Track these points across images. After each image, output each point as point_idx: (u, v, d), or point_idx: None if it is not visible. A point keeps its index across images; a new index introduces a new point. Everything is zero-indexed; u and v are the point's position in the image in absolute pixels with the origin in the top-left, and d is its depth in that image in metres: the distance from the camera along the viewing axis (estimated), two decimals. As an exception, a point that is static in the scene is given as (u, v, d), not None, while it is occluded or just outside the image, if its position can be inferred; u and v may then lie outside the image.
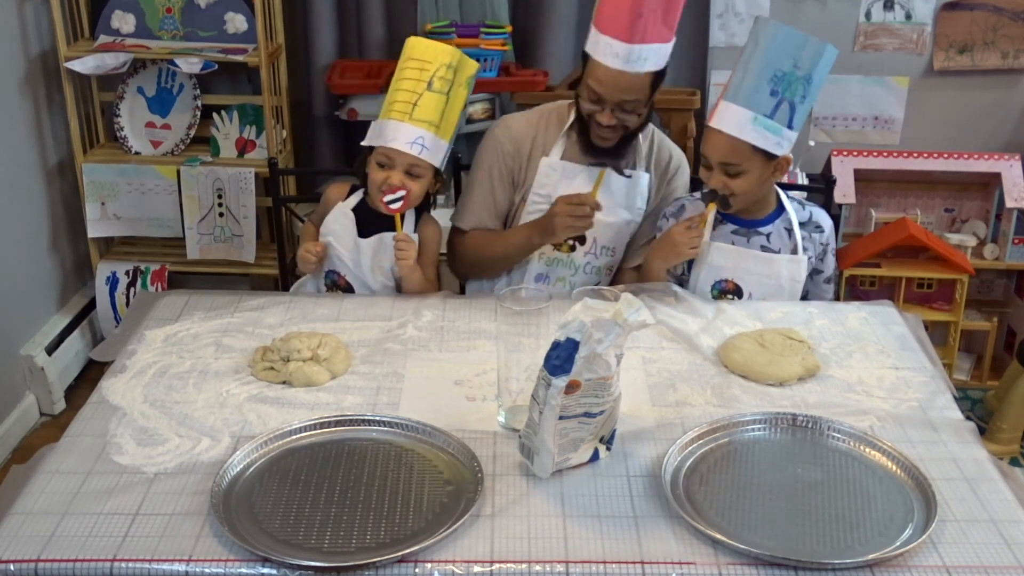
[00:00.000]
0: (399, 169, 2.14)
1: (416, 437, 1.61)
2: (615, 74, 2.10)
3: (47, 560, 1.33)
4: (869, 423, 1.67)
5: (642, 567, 1.33)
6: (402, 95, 2.13)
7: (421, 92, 2.12)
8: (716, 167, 2.10)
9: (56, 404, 3.15)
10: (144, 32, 3.17)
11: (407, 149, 2.12)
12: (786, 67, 2.03)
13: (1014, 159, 3.24)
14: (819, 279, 2.28)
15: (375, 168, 2.17)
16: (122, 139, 3.25)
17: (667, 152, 2.36)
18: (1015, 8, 3.33)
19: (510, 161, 2.31)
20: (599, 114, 2.16)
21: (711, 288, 2.20)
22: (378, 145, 2.15)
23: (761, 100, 2.04)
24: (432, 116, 2.14)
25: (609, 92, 2.13)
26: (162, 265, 3.30)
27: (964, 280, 3.14)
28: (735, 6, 3.38)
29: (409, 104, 2.12)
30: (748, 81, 2.05)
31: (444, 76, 2.13)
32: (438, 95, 2.13)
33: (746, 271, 2.18)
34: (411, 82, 2.13)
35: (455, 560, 1.34)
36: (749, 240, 2.20)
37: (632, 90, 2.13)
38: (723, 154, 2.08)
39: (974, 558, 1.36)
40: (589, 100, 2.17)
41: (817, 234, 2.24)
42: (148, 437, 1.61)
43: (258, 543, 1.35)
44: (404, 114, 2.12)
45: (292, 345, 1.80)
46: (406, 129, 2.12)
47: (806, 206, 2.26)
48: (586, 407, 1.47)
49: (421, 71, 2.13)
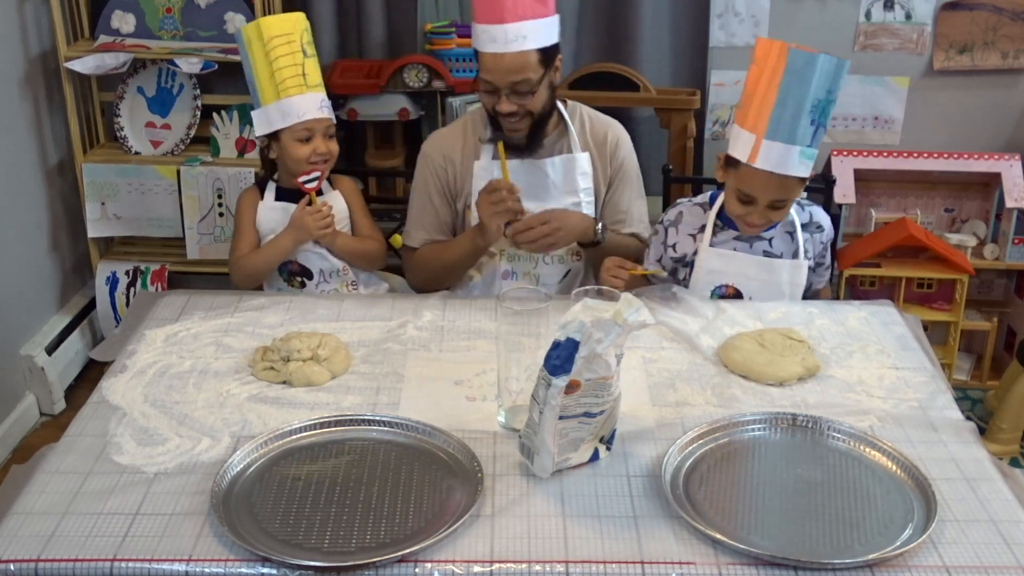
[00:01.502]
0: (320, 136, 2.30)
1: (416, 437, 1.61)
2: (497, 58, 2.14)
3: (47, 560, 1.33)
4: (869, 423, 1.67)
5: (642, 567, 1.33)
6: (287, 71, 2.25)
7: (301, 62, 2.26)
8: (762, 203, 2.08)
9: (56, 404, 3.15)
10: (144, 32, 3.17)
11: (321, 115, 2.29)
12: (822, 95, 2.00)
13: (1014, 159, 3.24)
14: (820, 269, 2.30)
15: (296, 145, 2.29)
16: (122, 139, 3.25)
17: (602, 128, 2.38)
18: (1015, 8, 3.33)
19: (443, 173, 2.37)
20: (498, 104, 2.20)
21: (711, 293, 2.20)
22: (289, 125, 2.26)
23: (804, 133, 2.00)
24: (318, 79, 2.32)
25: (498, 77, 2.17)
26: (162, 265, 3.30)
27: (964, 280, 3.14)
28: (735, 6, 3.38)
29: (299, 76, 2.26)
30: (789, 115, 1.99)
31: (307, 40, 2.29)
32: (312, 58, 2.29)
33: (746, 276, 2.18)
34: (288, 57, 2.25)
35: (455, 560, 1.34)
36: (752, 246, 2.19)
37: (519, 70, 2.16)
38: (774, 192, 2.06)
39: (974, 558, 1.36)
40: (485, 92, 2.22)
41: (818, 234, 2.24)
42: (148, 437, 1.61)
43: (258, 543, 1.35)
44: (300, 87, 2.27)
45: (292, 345, 1.80)
46: (310, 98, 2.28)
47: (805, 207, 2.26)
48: (586, 407, 1.47)
49: (290, 43, 2.25)
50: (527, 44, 2.14)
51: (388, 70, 3.20)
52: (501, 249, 2.35)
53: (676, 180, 3.06)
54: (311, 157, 2.29)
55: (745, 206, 2.10)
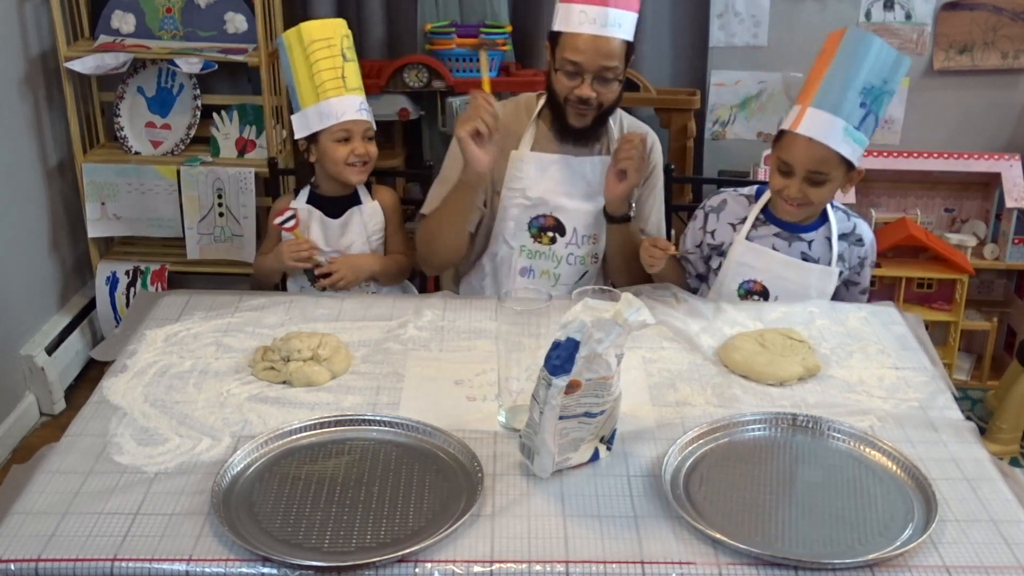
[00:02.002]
0: (358, 138, 2.31)
1: (416, 437, 1.61)
2: (593, 40, 2.12)
3: (47, 560, 1.33)
4: (869, 423, 1.67)
5: (642, 567, 1.33)
6: (327, 74, 2.27)
7: (341, 65, 2.29)
8: (799, 174, 2.06)
9: (56, 404, 3.15)
10: (144, 32, 3.17)
11: (360, 116, 2.30)
12: (877, 82, 2.01)
13: (1014, 159, 3.24)
14: (855, 290, 2.27)
15: (335, 146, 2.30)
16: (122, 139, 3.25)
17: (638, 131, 2.36)
18: (1015, 8, 3.33)
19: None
20: (578, 88, 2.16)
21: (738, 287, 2.20)
22: (328, 126, 2.28)
23: (852, 110, 2.00)
24: (358, 82, 2.34)
25: (590, 59, 2.13)
26: (162, 265, 3.30)
27: (964, 280, 3.14)
28: (735, 6, 3.38)
29: (338, 79, 2.29)
30: (837, 87, 2.00)
31: (349, 45, 2.33)
32: (352, 63, 2.32)
33: (776, 275, 2.17)
34: (328, 60, 2.27)
35: (455, 560, 1.34)
36: (791, 245, 2.18)
37: (611, 56, 2.14)
38: (813, 162, 2.04)
39: (974, 558, 1.36)
40: (567, 76, 2.17)
41: (857, 247, 2.21)
42: (148, 437, 1.61)
43: (258, 543, 1.35)
44: (339, 89, 2.29)
45: (292, 345, 1.80)
46: (349, 100, 2.30)
47: (851, 217, 2.23)
48: (586, 407, 1.47)
49: (330, 47, 2.28)
50: (622, 33, 2.14)
51: (388, 70, 3.21)
52: (522, 245, 2.32)
53: (676, 180, 3.05)
54: (349, 158, 2.29)
55: (784, 178, 2.08)
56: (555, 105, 2.23)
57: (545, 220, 2.31)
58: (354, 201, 2.38)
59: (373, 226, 2.39)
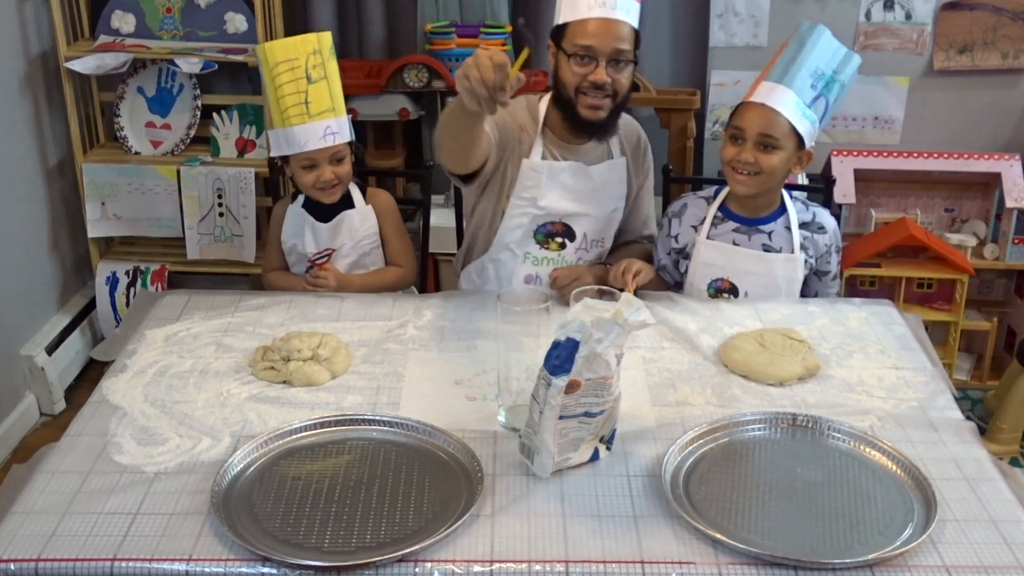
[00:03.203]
0: (324, 164, 2.25)
1: (416, 437, 1.61)
2: (604, 23, 2.10)
3: (47, 559, 1.33)
4: (869, 423, 1.67)
5: (642, 567, 1.33)
6: (290, 99, 2.20)
7: (305, 89, 2.20)
8: (752, 139, 2.09)
9: (56, 404, 3.15)
10: (144, 32, 3.17)
11: (323, 144, 2.22)
12: (827, 70, 2.12)
13: (1014, 159, 3.24)
14: (826, 279, 2.28)
15: (301, 172, 2.27)
16: (122, 139, 3.26)
17: (634, 132, 2.37)
18: (1015, 8, 3.33)
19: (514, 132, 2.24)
20: (592, 74, 2.12)
21: (707, 287, 2.20)
22: (293, 154, 2.24)
23: (804, 89, 2.10)
24: (326, 104, 2.23)
25: (603, 42, 2.10)
26: (162, 265, 3.30)
27: (964, 280, 3.14)
28: (735, 6, 3.38)
29: (301, 104, 2.21)
30: (789, 67, 2.11)
31: (315, 64, 2.21)
32: (319, 83, 2.21)
33: (742, 270, 2.18)
34: (291, 84, 2.20)
35: (455, 560, 1.34)
36: (751, 238, 2.20)
37: (623, 39, 2.12)
38: (764, 126, 2.09)
39: (974, 558, 1.36)
40: (579, 64, 2.13)
41: (820, 235, 2.23)
42: (148, 437, 1.61)
43: (258, 543, 1.35)
44: (302, 116, 2.21)
45: (292, 345, 1.80)
46: (312, 128, 2.22)
47: (809, 207, 2.26)
48: (586, 407, 1.47)
49: (293, 70, 2.19)
50: (629, 17, 2.13)
51: (388, 70, 3.21)
52: (527, 252, 2.31)
53: (676, 180, 3.05)
54: (316, 184, 2.26)
55: (736, 145, 2.12)
56: (565, 102, 2.18)
57: (553, 226, 2.30)
58: (346, 204, 2.35)
59: (364, 230, 2.36)
